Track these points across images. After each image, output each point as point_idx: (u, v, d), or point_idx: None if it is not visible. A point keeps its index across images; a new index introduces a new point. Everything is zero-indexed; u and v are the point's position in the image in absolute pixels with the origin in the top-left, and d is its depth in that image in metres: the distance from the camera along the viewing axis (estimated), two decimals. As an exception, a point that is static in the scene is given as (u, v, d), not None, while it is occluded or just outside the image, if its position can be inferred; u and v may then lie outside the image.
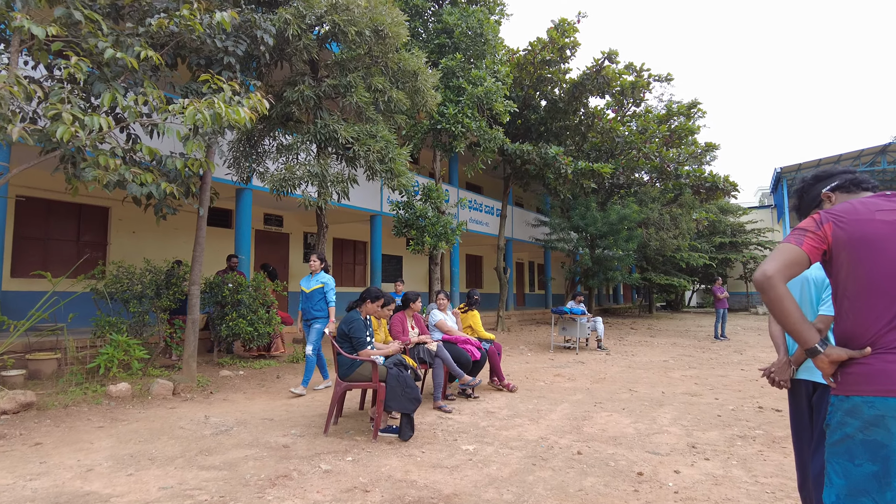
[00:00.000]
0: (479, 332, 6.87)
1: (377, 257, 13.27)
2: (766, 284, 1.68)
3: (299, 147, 7.44)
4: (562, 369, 8.92)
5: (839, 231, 1.72)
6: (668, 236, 17.88)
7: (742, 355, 11.57)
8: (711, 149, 18.50)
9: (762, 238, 31.86)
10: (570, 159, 12.92)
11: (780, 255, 1.71)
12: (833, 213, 1.76)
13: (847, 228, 1.71)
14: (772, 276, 1.67)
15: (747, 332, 17.49)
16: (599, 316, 13.01)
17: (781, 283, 1.68)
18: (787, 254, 1.71)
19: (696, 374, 8.72)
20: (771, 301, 1.69)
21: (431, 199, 11.02)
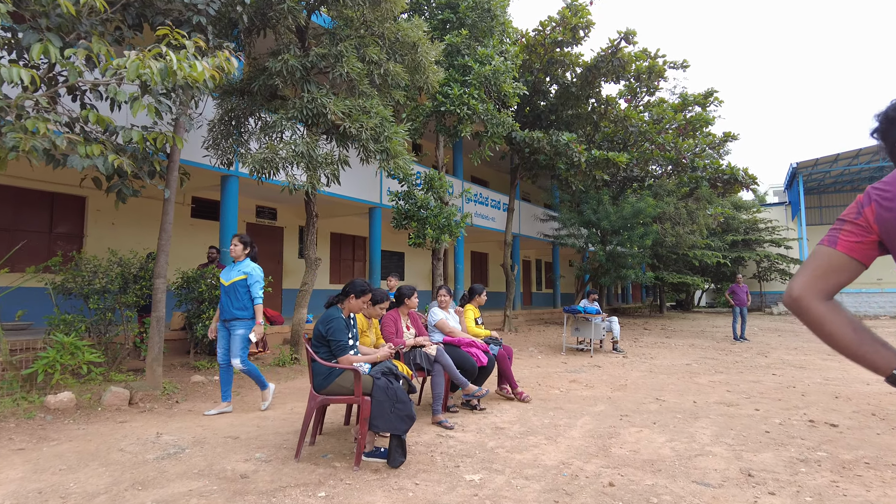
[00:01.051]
0: (470, 330, 6.01)
1: (376, 253, 12.43)
2: (795, 308, 1.24)
3: (284, 125, 6.60)
4: (577, 374, 8.05)
5: (884, 213, 1.18)
6: (684, 231, 16.95)
7: (768, 358, 10.68)
8: (730, 139, 17.53)
9: (776, 236, 30.83)
10: (583, 147, 12.04)
11: (809, 266, 1.25)
12: (878, 190, 1.21)
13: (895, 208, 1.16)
14: (799, 297, 1.22)
15: (766, 333, 16.56)
16: (612, 315, 12.14)
17: (816, 303, 1.21)
18: (818, 261, 1.24)
19: (725, 380, 7.84)
20: (809, 327, 1.25)
21: (434, 189, 10.17)
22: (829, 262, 1.23)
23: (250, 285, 5.30)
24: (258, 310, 5.31)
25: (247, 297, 5.30)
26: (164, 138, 5.15)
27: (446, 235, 9.88)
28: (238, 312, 5.23)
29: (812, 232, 32.44)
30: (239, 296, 5.26)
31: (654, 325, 18.62)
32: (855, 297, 26.59)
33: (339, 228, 15.07)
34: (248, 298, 5.30)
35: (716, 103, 18.35)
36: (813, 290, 1.22)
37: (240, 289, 5.28)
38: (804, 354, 11.36)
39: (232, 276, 5.34)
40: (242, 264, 5.40)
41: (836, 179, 32.09)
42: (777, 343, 13.55)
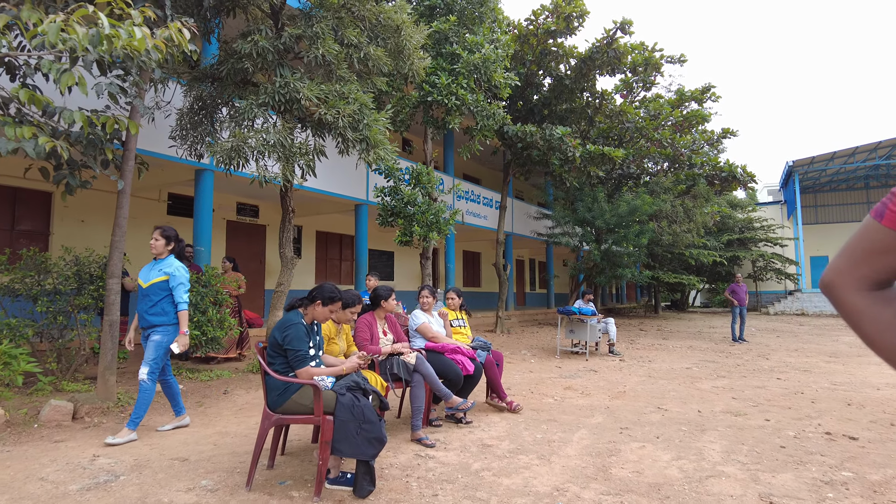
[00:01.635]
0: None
1: (363, 252, 11.91)
2: (829, 296, 0.91)
3: (254, 111, 6.07)
4: (572, 380, 7.56)
5: None
6: (680, 230, 16.51)
7: (769, 361, 10.25)
8: (729, 135, 17.12)
9: (771, 235, 30.52)
10: (577, 142, 11.56)
11: (849, 244, 0.89)
12: None
13: None
14: (831, 284, 0.90)
15: (764, 334, 16.16)
16: (608, 316, 11.69)
17: (851, 293, 0.87)
18: (861, 238, 0.87)
19: (728, 386, 7.38)
20: (844, 318, 0.89)
21: (421, 184, 9.66)
22: (874, 239, 0.88)
23: (173, 288, 4.46)
24: (182, 317, 4.47)
25: (168, 301, 4.46)
26: (113, 122, 4.62)
27: (435, 233, 9.38)
28: (156, 318, 4.41)
29: (808, 231, 32.18)
30: (158, 300, 4.44)
31: (649, 326, 18.19)
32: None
33: (325, 227, 14.54)
34: (169, 303, 4.47)
35: (713, 99, 17.94)
36: (850, 276, 0.90)
37: (160, 292, 4.45)
38: (806, 356, 10.94)
39: (151, 276, 4.49)
40: (164, 262, 4.55)
41: (831, 178, 31.81)
42: (777, 344, 13.14)
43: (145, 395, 4.34)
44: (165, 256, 4.60)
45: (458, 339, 5.58)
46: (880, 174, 31.46)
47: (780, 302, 27.69)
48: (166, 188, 10.98)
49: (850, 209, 33.71)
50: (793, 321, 22.08)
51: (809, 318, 24.35)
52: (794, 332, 16.71)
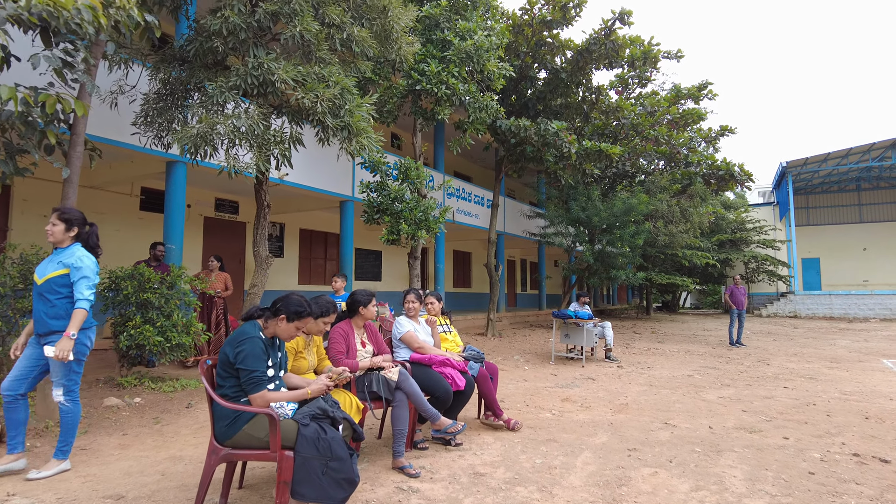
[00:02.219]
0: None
1: (347, 251, 11.33)
2: None
3: (224, 95, 5.48)
4: (570, 390, 7.04)
5: None
6: (677, 230, 16.07)
7: (771, 367, 9.82)
8: (727, 132, 16.70)
9: (764, 237, 30.28)
10: (573, 137, 11.05)
11: None
12: None
13: None
14: None
15: (760, 337, 15.79)
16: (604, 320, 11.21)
17: None
18: None
19: (735, 396, 6.90)
20: None
21: (409, 180, 9.10)
22: None
23: (74, 283, 3.55)
24: (76, 317, 3.47)
25: (66, 300, 3.55)
26: (55, 102, 4.03)
27: (423, 231, 8.82)
28: (56, 323, 3.51)
29: (799, 233, 31.99)
30: (57, 300, 3.55)
31: (643, 329, 17.76)
32: (844, 298, 26.09)
33: (309, 224, 13.93)
34: (68, 301, 3.55)
35: (710, 97, 17.54)
36: None
37: (59, 289, 3.55)
38: (807, 362, 10.53)
39: (48, 270, 3.61)
40: (65, 253, 3.65)
41: (823, 180, 31.65)
42: (775, 348, 12.74)
43: (69, 419, 3.60)
44: (67, 245, 3.68)
45: (448, 349, 5.04)
46: (872, 176, 31.35)
47: (773, 304, 27.43)
48: (139, 182, 10.33)
49: (842, 211, 33.60)
50: (786, 324, 21.79)
51: (802, 320, 24.08)
52: (789, 336, 16.35)
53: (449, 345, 5.11)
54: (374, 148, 5.87)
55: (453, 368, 4.34)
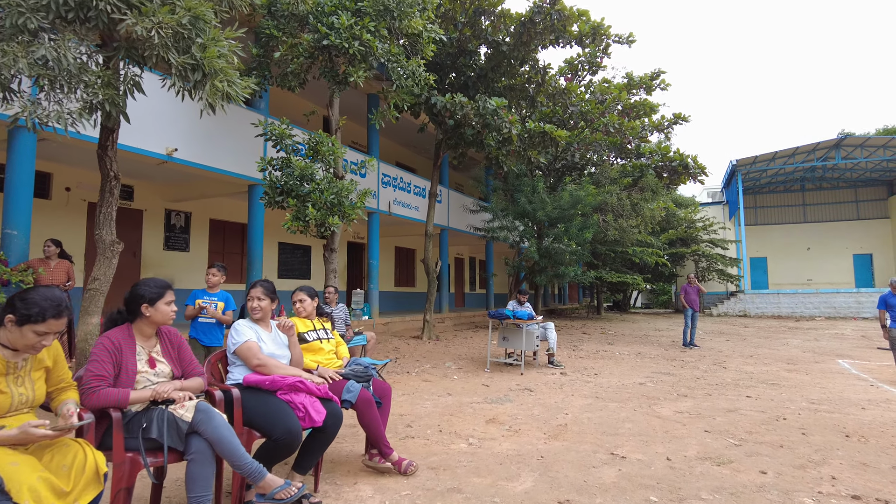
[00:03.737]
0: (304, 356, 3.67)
1: (257, 243, 9.79)
2: None
3: (25, 18, 3.97)
4: (500, 406, 5.79)
5: None
6: (627, 224, 15.18)
7: (728, 370, 8.91)
8: (680, 120, 15.96)
9: (714, 236, 30.15)
10: (515, 117, 9.88)
11: None
12: None
13: None
14: None
15: (713, 337, 15.10)
16: (548, 320, 10.10)
17: None
18: None
19: (694, 410, 5.83)
20: None
21: (321, 156, 7.69)
22: None
23: None
24: None
25: None
26: None
27: (336, 218, 7.43)
28: None
29: (750, 232, 32.09)
30: None
31: (593, 329, 16.84)
32: (791, 297, 26.07)
33: (222, 214, 12.29)
34: None
35: (662, 87, 16.79)
36: None
37: None
38: (764, 364, 9.72)
39: None
40: None
41: (770, 179, 31.83)
42: (729, 349, 11.94)
43: None
44: None
45: (320, 363, 3.69)
46: (816, 177, 31.73)
47: (723, 303, 27.22)
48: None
49: (788, 211, 33.96)
50: (737, 323, 21.40)
51: (752, 319, 23.84)
52: (741, 336, 15.75)
53: (324, 357, 3.76)
54: (239, 95, 4.46)
55: (310, 395, 3.00)
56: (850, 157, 27.50)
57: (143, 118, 7.97)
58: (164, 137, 8.28)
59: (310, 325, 3.86)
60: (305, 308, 3.89)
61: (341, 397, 3.40)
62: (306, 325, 3.85)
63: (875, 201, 32.13)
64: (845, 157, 27.41)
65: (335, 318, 7.29)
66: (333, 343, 3.93)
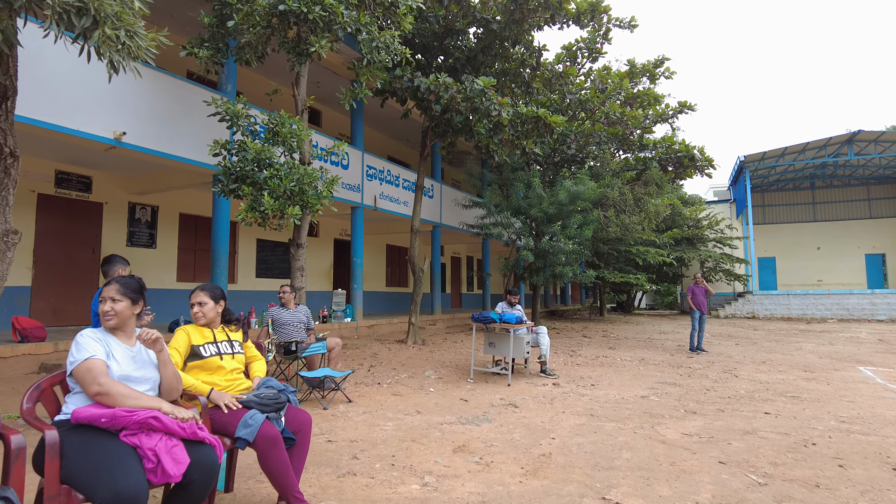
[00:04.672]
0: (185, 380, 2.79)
1: (221, 238, 8.93)
2: None
3: None
4: (475, 428, 4.90)
5: None
6: (630, 221, 14.23)
7: (741, 379, 8.02)
8: (685, 109, 15.00)
9: (721, 235, 29.14)
10: (506, 100, 8.99)
11: None
12: None
13: None
14: None
15: (721, 341, 14.18)
16: (544, 323, 9.21)
17: None
18: None
19: (705, 432, 4.93)
20: None
21: (281, 138, 6.82)
22: None
23: None
24: None
25: None
26: None
27: (296, 208, 6.56)
28: None
29: (758, 231, 31.04)
30: None
31: (594, 332, 15.92)
32: (802, 298, 25.07)
33: (192, 208, 11.42)
34: None
35: (666, 75, 15.86)
36: None
37: None
38: (779, 371, 8.82)
39: None
40: None
41: (779, 177, 30.80)
42: (739, 355, 11.02)
43: None
44: None
45: (216, 385, 2.81)
46: (826, 174, 30.68)
47: (731, 304, 26.23)
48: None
49: (797, 209, 32.90)
50: (746, 325, 20.44)
51: (761, 321, 22.87)
52: (751, 339, 14.83)
53: (224, 377, 2.89)
54: (143, 48, 3.59)
55: (167, 435, 2.12)
56: (864, 153, 26.44)
57: (86, 97, 7.13)
58: (112, 120, 7.43)
59: (209, 335, 2.98)
60: (206, 313, 3.02)
61: (235, 433, 2.53)
62: (204, 335, 2.97)
63: (888, 199, 31.04)
64: (858, 152, 26.34)
65: (289, 322, 6.41)
66: (241, 359, 3.05)
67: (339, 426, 4.79)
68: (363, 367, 8.07)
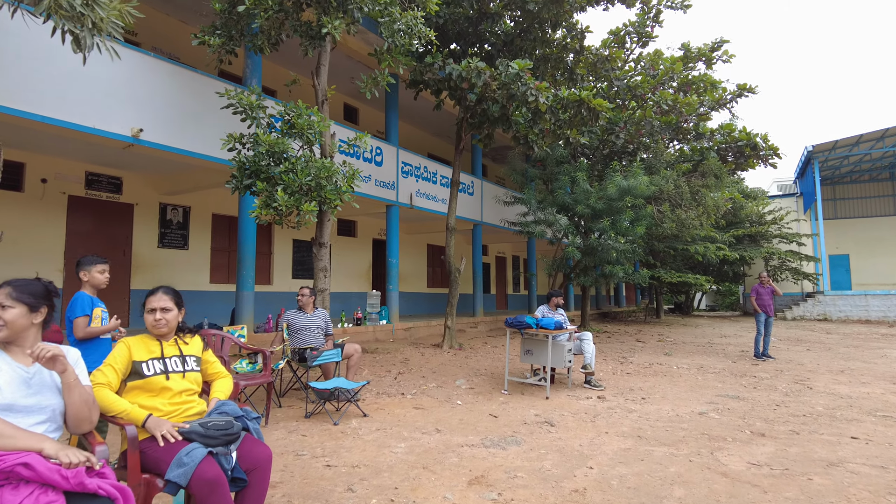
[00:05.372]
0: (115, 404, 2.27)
1: (248, 239, 8.60)
2: None
3: None
4: (500, 453, 4.24)
5: None
6: (687, 216, 13.10)
7: (816, 391, 7.02)
8: (745, 92, 13.71)
9: (786, 230, 27.11)
10: (544, 84, 8.26)
11: None
12: None
13: None
14: None
15: (789, 345, 12.91)
16: (595, 326, 8.41)
17: None
18: None
19: (778, 461, 4.10)
20: None
21: (297, 129, 6.37)
22: None
23: None
24: None
25: None
26: None
27: (312, 204, 6.09)
28: None
29: (828, 227, 28.74)
30: None
31: (649, 335, 14.87)
32: (883, 299, 22.92)
33: (225, 208, 11.22)
34: None
35: (724, 58, 14.63)
36: None
37: None
38: (862, 383, 7.72)
39: None
40: None
41: (853, 167, 28.39)
42: (812, 362, 9.86)
43: None
44: None
45: (157, 411, 2.30)
46: (906, 162, 28.07)
47: (799, 305, 24.32)
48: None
49: (873, 203, 30.26)
50: (817, 328, 18.77)
51: (835, 324, 21.01)
52: (824, 343, 13.44)
53: (167, 401, 2.37)
54: (106, 20, 3.14)
55: (43, 488, 1.60)
56: (953, 139, 23.96)
57: (101, 94, 6.91)
58: (130, 117, 7.20)
59: (155, 349, 2.47)
60: (169, 321, 2.52)
61: (166, 474, 2.00)
62: (150, 349, 2.47)
63: (980, 189, 28.14)
64: (946, 138, 23.88)
65: (306, 327, 5.93)
66: (195, 378, 2.53)
67: (346, 446, 4.24)
68: (390, 374, 7.53)
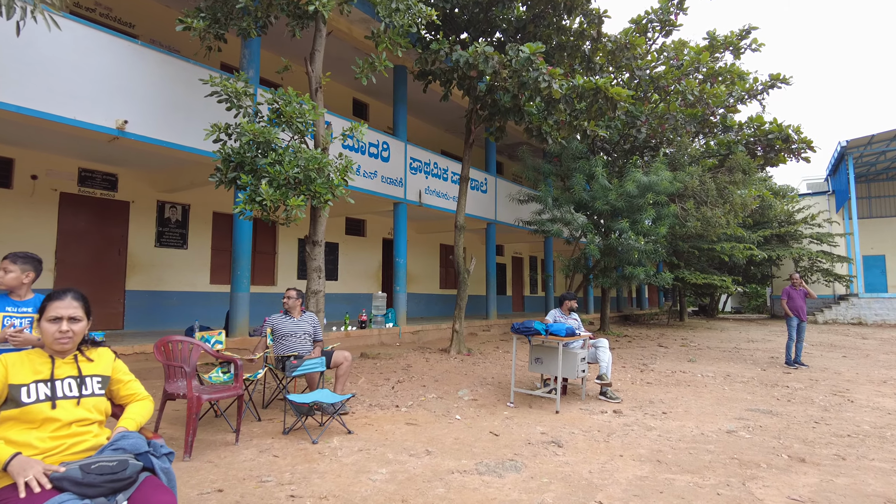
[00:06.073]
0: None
1: (243, 237, 8.17)
2: None
3: None
4: (495, 482, 3.68)
5: None
6: (712, 214, 12.32)
7: (858, 405, 6.34)
8: (778, 82, 12.88)
9: (818, 230, 25.95)
10: (557, 70, 7.66)
11: None
12: None
13: None
14: None
15: (822, 351, 12.11)
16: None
17: None
18: None
19: (823, 495, 3.49)
20: None
21: (286, 118, 5.89)
22: None
23: None
24: None
25: None
26: None
27: (300, 198, 5.60)
28: None
29: (862, 226, 27.46)
30: None
31: (671, 339, 14.12)
32: (920, 302, 21.72)
33: (224, 206, 10.81)
34: None
35: (753, 47, 13.83)
36: None
37: None
38: (908, 394, 7.00)
39: None
40: None
41: (890, 163, 27.08)
42: (850, 371, 9.10)
43: None
44: None
45: (32, 447, 1.80)
46: (948, 157, 26.65)
47: (831, 308, 23.21)
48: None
49: (912, 201, 28.87)
50: (851, 332, 17.77)
51: (870, 328, 19.93)
52: (860, 349, 12.60)
53: (52, 434, 1.87)
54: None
55: None
56: None
57: (84, 84, 6.51)
58: (114, 108, 6.80)
59: (44, 368, 1.98)
60: (76, 333, 2.04)
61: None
62: (36, 368, 1.97)
63: None
64: None
65: (291, 333, 5.44)
66: (98, 404, 2.03)
67: (319, 471, 3.73)
68: (388, 382, 7.00)
